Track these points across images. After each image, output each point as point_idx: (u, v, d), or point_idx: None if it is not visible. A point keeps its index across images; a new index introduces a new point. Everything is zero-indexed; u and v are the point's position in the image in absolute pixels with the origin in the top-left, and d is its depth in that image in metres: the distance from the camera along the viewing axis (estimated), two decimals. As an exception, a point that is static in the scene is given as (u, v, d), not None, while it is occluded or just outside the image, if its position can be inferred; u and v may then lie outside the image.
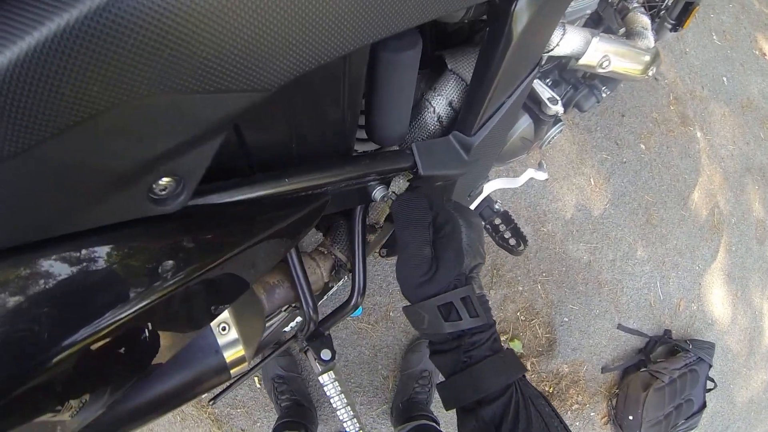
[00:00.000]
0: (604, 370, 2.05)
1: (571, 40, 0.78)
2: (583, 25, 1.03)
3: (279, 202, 0.54)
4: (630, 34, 1.02)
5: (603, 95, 1.19)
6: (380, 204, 0.70)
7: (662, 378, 1.90)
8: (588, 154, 2.16)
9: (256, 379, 1.68)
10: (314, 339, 0.82)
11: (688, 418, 1.95)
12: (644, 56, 0.93)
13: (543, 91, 0.88)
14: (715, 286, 2.34)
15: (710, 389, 2.04)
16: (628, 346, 2.12)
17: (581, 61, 0.82)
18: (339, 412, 0.86)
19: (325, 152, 0.59)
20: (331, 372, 0.83)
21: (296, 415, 1.56)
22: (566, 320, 2.03)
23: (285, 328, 1.02)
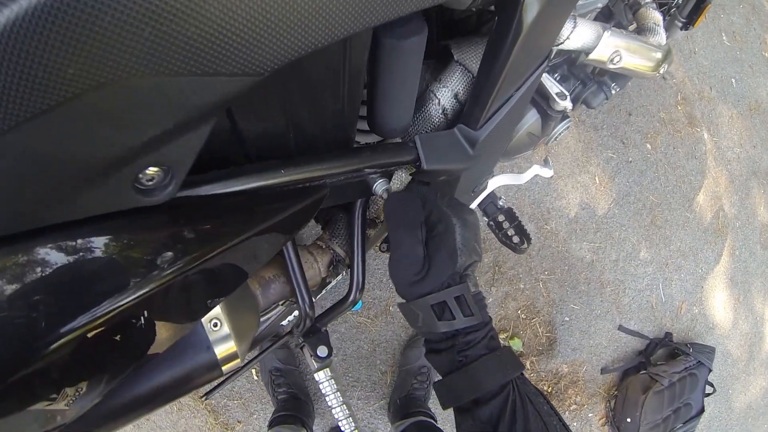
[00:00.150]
0: (603, 371, 2.05)
1: (582, 34, 0.76)
2: (593, 20, 1.01)
3: (275, 194, 0.52)
4: (641, 30, 0.99)
5: (612, 92, 1.16)
6: (381, 198, 0.68)
7: (662, 381, 1.89)
8: (594, 152, 2.14)
9: (253, 371, 1.69)
10: (310, 335, 0.80)
11: (686, 422, 1.95)
12: (656, 53, 0.91)
13: (551, 85, 0.86)
14: (718, 289, 2.32)
15: (709, 394, 2.03)
16: (628, 348, 2.12)
17: (591, 56, 0.80)
18: (334, 410, 0.84)
19: (325, 143, 0.57)
20: (327, 369, 0.81)
21: (293, 408, 1.56)
22: (567, 320, 2.02)
23: (282, 322, 1.00)
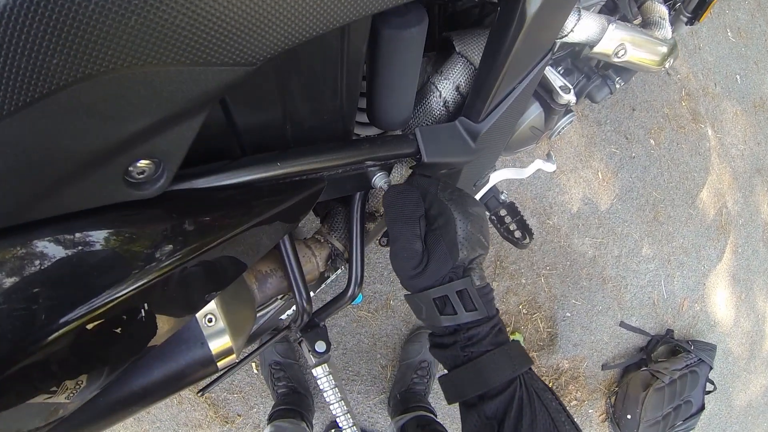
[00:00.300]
0: (604, 367, 2.04)
1: (587, 26, 0.74)
2: (598, 12, 0.99)
3: (271, 186, 0.51)
4: (646, 23, 0.98)
5: (617, 86, 1.14)
6: (380, 191, 0.67)
7: (662, 378, 1.88)
8: (597, 147, 2.12)
9: (253, 364, 1.69)
10: (309, 330, 0.79)
11: (686, 419, 1.95)
12: (661, 47, 0.89)
13: (555, 79, 0.84)
14: (720, 287, 2.31)
15: (710, 391, 2.03)
16: (629, 344, 2.11)
17: (596, 49, 0.79)
18: (332, 406, 0.83)
19: (323, 135, 0.56)
20: (326, 365, 0.80)
21: (293, 402, 1.56)
22: (568, 315, 2.01)
23: (281, 316, 0.99)
